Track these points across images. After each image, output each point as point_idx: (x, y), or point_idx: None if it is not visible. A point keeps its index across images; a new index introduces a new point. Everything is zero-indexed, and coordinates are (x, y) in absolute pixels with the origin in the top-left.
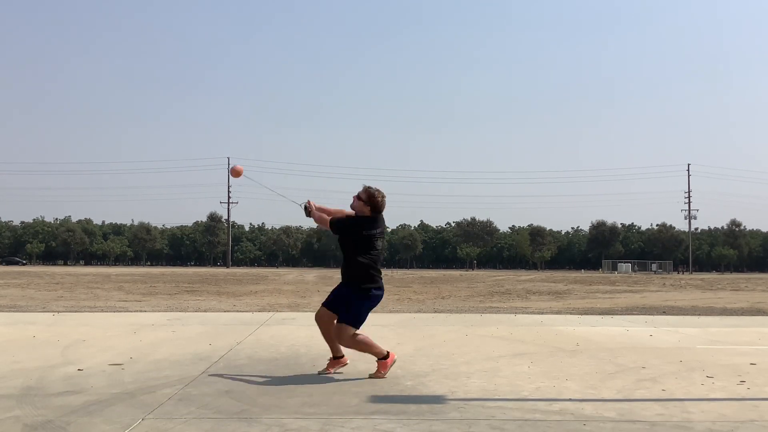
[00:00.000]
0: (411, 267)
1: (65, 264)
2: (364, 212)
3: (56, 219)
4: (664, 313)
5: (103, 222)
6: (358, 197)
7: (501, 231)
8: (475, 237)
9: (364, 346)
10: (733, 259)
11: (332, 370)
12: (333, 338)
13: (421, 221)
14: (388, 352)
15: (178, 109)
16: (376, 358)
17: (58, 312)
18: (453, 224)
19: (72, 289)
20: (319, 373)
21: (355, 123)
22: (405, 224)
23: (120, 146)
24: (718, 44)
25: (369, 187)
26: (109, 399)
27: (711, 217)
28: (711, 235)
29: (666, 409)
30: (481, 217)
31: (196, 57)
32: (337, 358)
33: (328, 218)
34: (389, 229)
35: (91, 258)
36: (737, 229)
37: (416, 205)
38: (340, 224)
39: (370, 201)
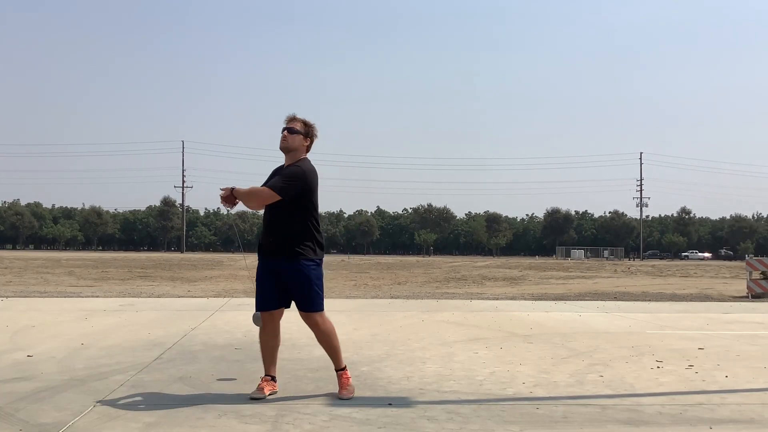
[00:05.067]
0: (368, 253)
1: (14, 248)
2: (302, 151)
3: (4, 202)
4: (616, 298)
5: (53, 205)
6: (293, 131)
7: (458, 218)
8: (432, 223)
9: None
10: (683, 246)
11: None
12: (277, 346)
13: (378, 207)
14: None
15: (132, 90)
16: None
17: (7, 297)
18: (410, 210)
19: (21, 273)
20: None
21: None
22: (362, 210)
23: (71, 129)
24: (675, 38)
25: (297, 116)
26: (59, 385)
27: (662, 205)
28: (662, 222)
29: (617, 392)
30: (438, 203)
31: (149, 31)
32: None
33: (262, 187)
34: (346, 215)
35: (40, 242)
36: (687, 216)
37: (373, 191)
38: (291, 182)
39: (310, 132)
